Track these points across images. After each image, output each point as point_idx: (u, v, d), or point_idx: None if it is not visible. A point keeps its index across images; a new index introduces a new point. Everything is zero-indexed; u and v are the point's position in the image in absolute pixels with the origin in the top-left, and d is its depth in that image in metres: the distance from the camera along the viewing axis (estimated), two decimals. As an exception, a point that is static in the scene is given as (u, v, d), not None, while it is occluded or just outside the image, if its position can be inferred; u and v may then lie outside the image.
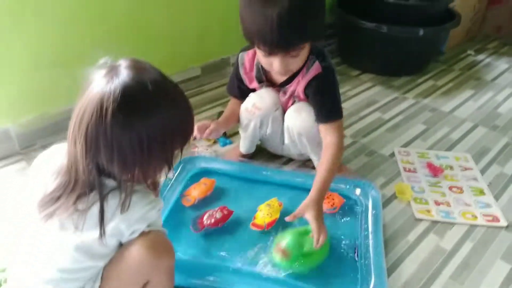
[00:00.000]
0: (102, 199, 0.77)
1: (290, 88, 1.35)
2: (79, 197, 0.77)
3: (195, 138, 1.34)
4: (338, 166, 1.46)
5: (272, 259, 1.12)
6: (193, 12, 1.93)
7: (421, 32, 2.10)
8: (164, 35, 1.89)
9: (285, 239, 1.13)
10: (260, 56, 1.24)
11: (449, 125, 1.91)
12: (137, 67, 0.78)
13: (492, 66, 2.54)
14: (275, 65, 1.21)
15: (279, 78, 1.36)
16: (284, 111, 1.41)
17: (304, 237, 1.14)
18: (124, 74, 0.76)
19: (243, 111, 1.43)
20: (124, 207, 0.78)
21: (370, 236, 1.20)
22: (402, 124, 1.91)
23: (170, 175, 1.42)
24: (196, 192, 1.35)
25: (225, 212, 1.24)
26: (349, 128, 1.85)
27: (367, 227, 1.23)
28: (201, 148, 1.67)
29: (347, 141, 1.75)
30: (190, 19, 1.94)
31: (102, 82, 0.76)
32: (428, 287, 1.14)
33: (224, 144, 1.70)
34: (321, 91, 1.29)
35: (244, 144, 1.56)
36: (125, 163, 0.77)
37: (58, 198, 0.78)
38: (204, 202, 1.34)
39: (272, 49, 1.15)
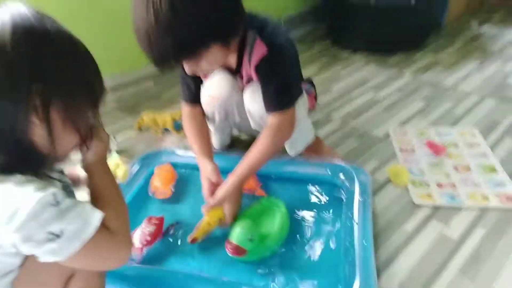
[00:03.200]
0: None
1: (243, 71, 1.13)
2: None
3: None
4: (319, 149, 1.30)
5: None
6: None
7: (413, 0, 1.89)
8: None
9: (234, 232, 0.96)
10: None
11: (452, 100, 1.69)
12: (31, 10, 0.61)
13: (498, 36, 2.31)
14: (185, 69, 0.99)
15: (230, 63, 1.13)
16: None
17: (256, 218, 1.01)
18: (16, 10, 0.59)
19: (204, 106, 1.24)
20: None
21: (356, 227, 0.98)
22: (398, 102, 1.69)
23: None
24: (159, 182, 1.18)
25: (156, 221, 1.03)
26: (337, 111, 1.64)
27: (352, 216, 1.02)
28: (170, 143, 1.48)
29: (334, 124, 1.55)
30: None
31: None
32: (431, 285, 0.92)
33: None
34: (269, 77, 1.05)
35: (215, 138, 1.36)
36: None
37: None
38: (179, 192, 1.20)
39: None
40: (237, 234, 0.94)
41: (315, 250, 0.99)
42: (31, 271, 0.67)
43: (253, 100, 1.12)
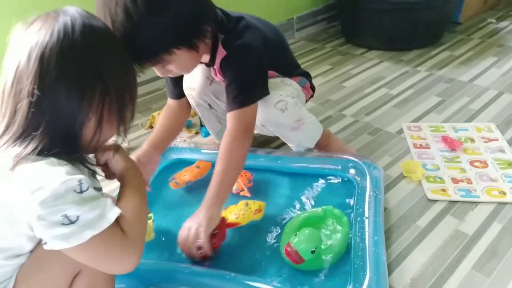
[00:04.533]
0: None
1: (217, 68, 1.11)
2: None
3: None
4: (326, 142, 1.26)
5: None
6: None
7: (428, -5, 1.86)
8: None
9: (299, 238, 0.90)
10: None
11: (469, 95, 1.65)
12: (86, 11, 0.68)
13: (516, 32, 2.25)
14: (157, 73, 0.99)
15: (205, 60, 1.09)
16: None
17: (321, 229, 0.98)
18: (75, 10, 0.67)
19: (188, 98, 1.24)
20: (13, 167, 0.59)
21: (367, 222, 0.96)
22: (412, 98, 1.66)
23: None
24: (187, 175, 1.19)
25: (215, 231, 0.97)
26: (350, 108, 1.61)
27: (363, 211, 0.99)
28: (179, 139, 1.47)
29: (346, 121, 1.52)
30: None
31: (49, 20, 0.64)
32: (444, 282, 0.89)
33: (207, 135, 1.51)
34: (229, 76, 1.03)
35: (213, 132, 1.37)
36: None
37: None
38: (194, 186, 1.18)
39: None
40: (301, 242, 0.89)
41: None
42: (37, 262, 0.66)
43: None
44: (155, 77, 1.84)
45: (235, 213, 1.00)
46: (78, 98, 0.63)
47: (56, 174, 0.59)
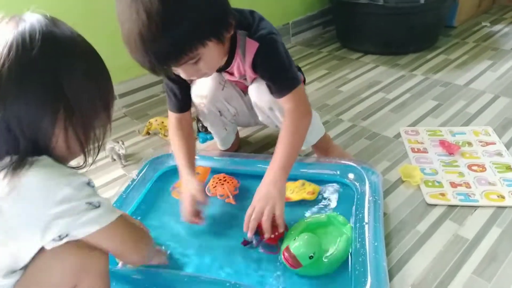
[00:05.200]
0: None
1: (235, 70, 1.11)
2: None
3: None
4: (326, 144, 1.27)
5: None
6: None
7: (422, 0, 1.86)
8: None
9: (297, 243, 0.89)
10: None
11: (465, 99, 1.65)
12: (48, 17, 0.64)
13: (510, 36, 2.26)
14: (182, 75, 0.97)
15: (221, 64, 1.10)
16: (232, 86, 1.21)
17: (321, 235, 0.97)
18: (36, 18, 0.62)
19: (196, 108, 1.23)
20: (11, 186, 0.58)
21: (366, 228, 0.96)
22: (409, 102, 1.66)
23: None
24: None
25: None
26: (347, 112, 1.61)
27: (363, 217, 0.99)
28: (176, 146, 1.47)
29: (344, 125, 1.52)
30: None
31: (8, 29, 0.61)
32: (445, 287, 0.89)
33: (204, 140, 1.50)
34: (268, 66, 1.04)
35: (218, 138, 1.35)
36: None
37: None
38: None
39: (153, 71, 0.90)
40: (300, 246, 0.88)
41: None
42: (32, 278, 0.66)
43: (259, 93, 1.10)
44: (152, 83, 1.84)
45: (290, 189, 1.10)
46: (40, 116, 0.60)
47: (64, 173, 0.62)
